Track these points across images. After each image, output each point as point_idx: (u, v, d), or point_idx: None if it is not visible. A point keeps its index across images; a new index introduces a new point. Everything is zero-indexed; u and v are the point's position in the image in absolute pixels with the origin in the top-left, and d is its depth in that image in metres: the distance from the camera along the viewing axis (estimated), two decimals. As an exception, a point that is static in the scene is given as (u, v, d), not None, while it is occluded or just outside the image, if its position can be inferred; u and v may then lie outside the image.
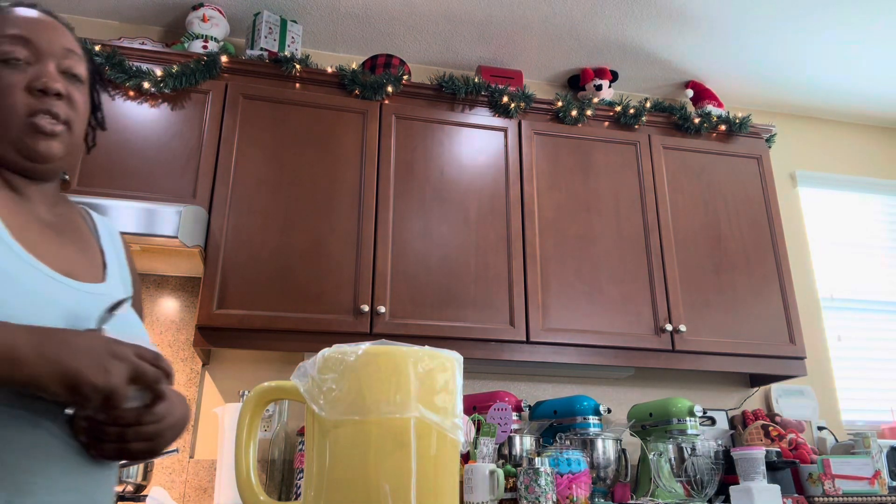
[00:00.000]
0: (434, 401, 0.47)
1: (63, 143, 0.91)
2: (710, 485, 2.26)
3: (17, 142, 0.88)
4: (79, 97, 0.93)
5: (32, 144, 0.88)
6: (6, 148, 0.88)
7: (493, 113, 2.77)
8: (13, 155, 0.89)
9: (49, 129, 0.88)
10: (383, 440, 0.46)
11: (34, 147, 0.88)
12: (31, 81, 0.88)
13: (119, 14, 2.91)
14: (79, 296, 0.84)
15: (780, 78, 3.37)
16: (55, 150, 0.90)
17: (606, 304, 2.57)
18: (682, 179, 2.88)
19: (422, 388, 0.47)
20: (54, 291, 0.81)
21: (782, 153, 3.52)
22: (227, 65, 2.54)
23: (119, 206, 2.16)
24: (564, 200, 2.69)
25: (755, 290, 2.76)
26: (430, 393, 0.47)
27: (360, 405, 0.46)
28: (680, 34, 3.05)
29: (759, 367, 2.67)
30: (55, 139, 0.90)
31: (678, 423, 2.39)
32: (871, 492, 2.37)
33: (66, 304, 0.81)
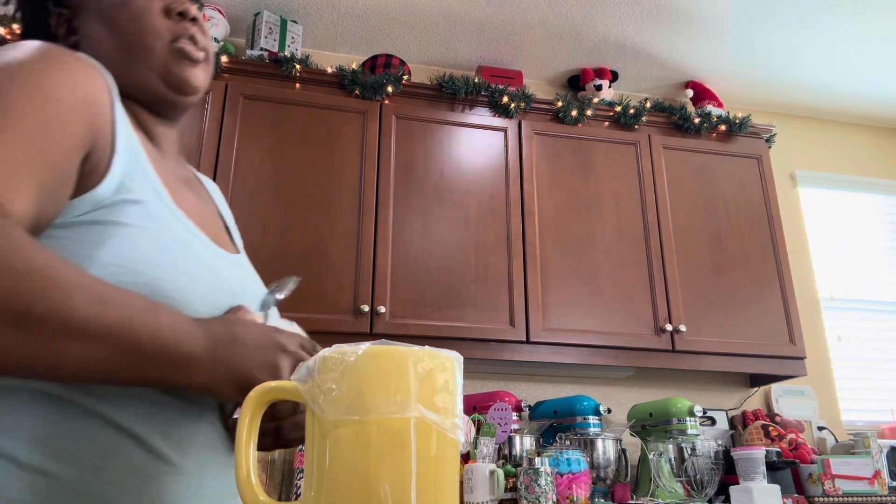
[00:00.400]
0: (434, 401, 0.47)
1: (206, 72, 0.83)
2: (710, 485, 2.26)
3: (162, 70, 0.79)
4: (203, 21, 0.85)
5: (180, 72, 0.79)
6: (150, 77, 0.78)
7: (493, 113, 2.77)
8: (159, 85, 0.79)
9: (195, 55, 0.80)
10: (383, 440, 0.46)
11: (182, 75, 0.79)
12: (169, 4, 0.80)
13: (119, 14, 2.90)
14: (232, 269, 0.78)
15: (780, 78, 3.37)
16: (201, 80, 0.82)
17: (606, 304, 2.57)
18: (682, 179, 2.88)
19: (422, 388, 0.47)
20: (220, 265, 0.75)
21: (782, 153, 3.52)
22: (227, 65, 2.54)
23: (119, 206, 2.16)
24: (564, 200, 2.69)
25: (755, 290, 2.76)
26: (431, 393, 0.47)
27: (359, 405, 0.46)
28: (680, 34, 3.05)
29: (759, 368, 2.67)
30: (199, 67, 0.82)
31: (678, 423, 2.39)
32: (872, 492, 2.37)
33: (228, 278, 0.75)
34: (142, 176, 0.70)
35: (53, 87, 0.64)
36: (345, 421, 0.45)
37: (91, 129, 0.66)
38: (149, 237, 0.66)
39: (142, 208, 0.68)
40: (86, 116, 0.66)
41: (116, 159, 0.68)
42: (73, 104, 0.65)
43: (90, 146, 0.66)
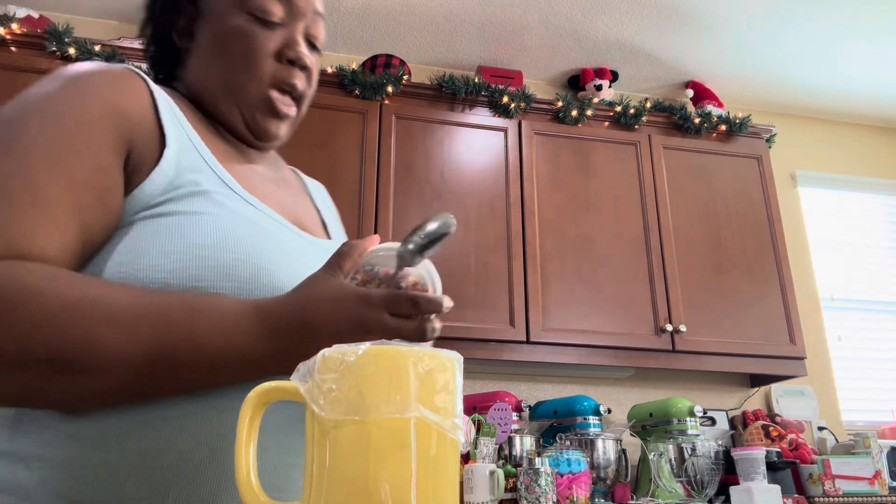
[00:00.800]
0: (434, 401, 0.47)
1: (291, 125, 0.83)
2: (710, 485, 2.26)
3: (248, 114, 0.79)
4: (316, 69, 0.84)
5: (263, 123, 0.80)
6: (235, 115, 0.79)
7: (493, 113, 2.77)
8: (239, 124, 0.80)
9: (284, 112, 0.80)
10: (383, 440, 0.45)
11: (264, 126, 0.80)
12: (283, 47, 0.78)
13: (119, 14, 2.91)
14: (318, 251, 0.76)
15: (780, 78, 3.37)
16: (282, 133, 0.82)
17: (606, 304, 2.57)
18: (683, 179, 2.88)
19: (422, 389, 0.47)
20: (302, 245, 0.75)
21: (782, 153, 3.52)
22: (227, 65, 2.53)
23: (119, 207, 2.16)
24: (564, 200, 2.69)
25: (755, 290, 2.76)
26: (430, 393, 0.47)
27: (359, 405, 0.46)
28: (680, 34, 3.05)
29: (760, 368, 2.67)
30: (286, 121, 0.82)
31: (678, 423, 2.39)
32: (872, 492, 2.37)
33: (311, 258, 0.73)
34: (206, 169, 0.70)
35: (70, 109, 0.64)
36: (345, 421, 0.45)
37: (124, 134, 0.66)
38: (216, 222, 0.66)
39: (207, 197, 0.68)
40: (115, 124, 0.66)
41: (167, 154, 0.68)
42: (96, 118, 0.65)
43: (127, 149, 0.66)
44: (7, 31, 2.41)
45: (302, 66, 0.79)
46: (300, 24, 0.81)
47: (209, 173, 0.70)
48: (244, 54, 0.77)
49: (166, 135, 0.69)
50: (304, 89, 0.81)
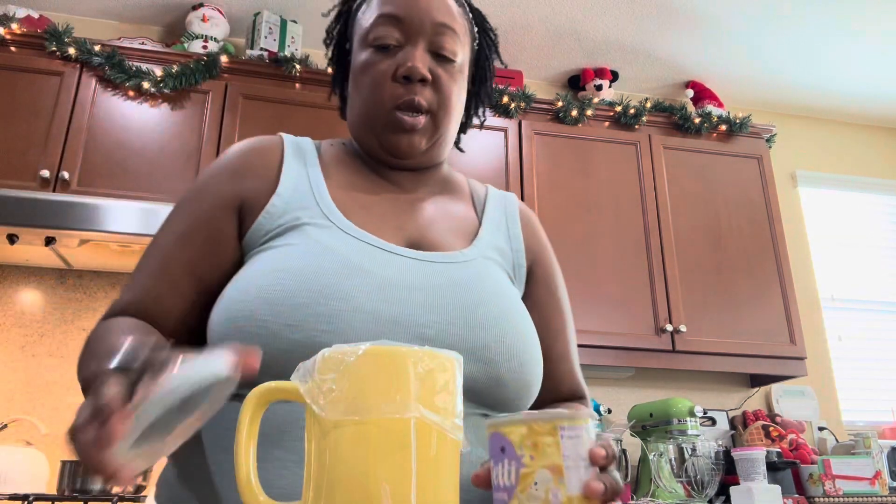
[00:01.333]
0: (434, 401, 0.47)
1: (425, 135, 0.84)
2: (710, 485, 2.26)
3: (380, 136, 0.84)
4: (447, 78, 0.84)
5: (395, 141, 0.83)
6: (372, 140, 0.85)
7: (493, 113, 2.77)
8: (377, 149, 0.85)
9: (409, 125, 0.82)
10: (383, 441, 0.45)
11: (396, 144, 0.83)
12: (398, 67, 0.82)
13: (119, 14, 2.91)
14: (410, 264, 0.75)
15: (780, 78, 3.37)
16: (416, 146, 0.83)
17: (606, 304, 2.57)
18: (683, 179, 2.88)
19: (422, 389, 0.47)
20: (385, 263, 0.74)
21: (783, 153, 3.52)
22: (227, 65, 2.53)
23: (119, 206, 2.16)
24: (564, 200, 2.69)
25: (755, 290, 2.76)
26: (431, 393, 0.47)
27: (359, 405, 0.46)
28: (680, 34, 3.05)
29: (760, 368, 2.67)
30: (416, 133, 0.83)
31: (678, 423, 2.39)
32: (872, 492, 2.37)
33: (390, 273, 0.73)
34: (312, 205, 0.78)
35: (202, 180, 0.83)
36: (345, 421, 0.45)
37: (236, 189, 0.80)
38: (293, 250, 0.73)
39: (300, 230, 0.75)
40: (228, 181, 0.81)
41: (274, 199, 0.79)
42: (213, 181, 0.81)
43: (240, 200, 0.80)
44: (7, 31, 2.41)
45: (419, 78, 0.81)
46: (419, 41, 0.83)
47: (314, 209, 0.78)
48: (369, 84, 0.83)
49: (280, 182, 0.80)
50: (429, 101, 0.83)
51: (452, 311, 0.72)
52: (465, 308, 0.72)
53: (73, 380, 2.43)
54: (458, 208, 0.90)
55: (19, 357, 2.42)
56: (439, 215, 0.86)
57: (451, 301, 0.73)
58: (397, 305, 0.70)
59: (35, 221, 2.11)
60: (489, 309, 0.74)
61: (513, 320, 0.75)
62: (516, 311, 0.77)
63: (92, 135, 2.36)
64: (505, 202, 0.94)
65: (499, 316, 0.74)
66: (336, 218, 0.77)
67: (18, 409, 2.35)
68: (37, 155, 2.30)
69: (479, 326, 0.72)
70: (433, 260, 0.77)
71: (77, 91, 2.40)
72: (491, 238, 0.86)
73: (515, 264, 0.87)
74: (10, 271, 2.51)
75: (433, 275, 0.75)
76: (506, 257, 0.86)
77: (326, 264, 0.71)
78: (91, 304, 2.52)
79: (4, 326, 2.45)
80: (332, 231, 0.76)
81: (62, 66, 2.42)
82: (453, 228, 0.85)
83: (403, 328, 0.69)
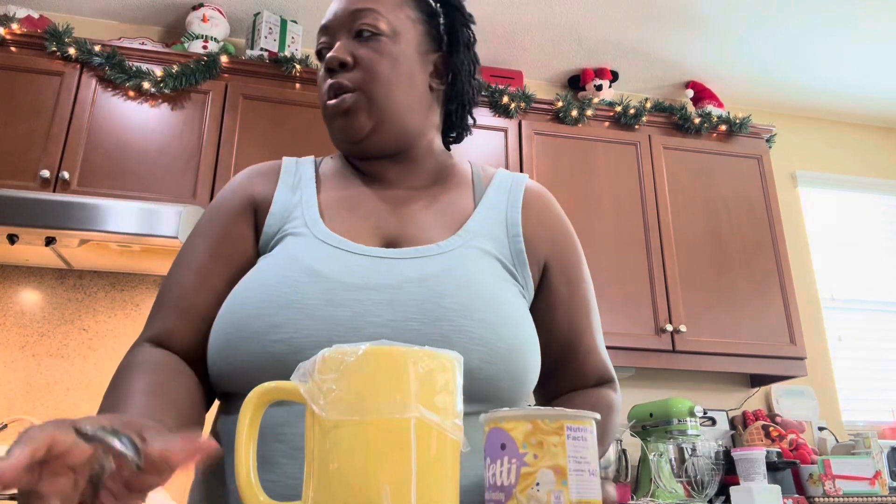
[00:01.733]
0: (434, 401, 0.47)
1: (361, 110, 0.82)
2: (710, 485, 2.26)
3: (330, 132, 0.87)
4: (370, 53, 0.83)
5: (336, 128, 0.85)
6: (332, 140, 0.89)
7: (493, 113, 2.77)
8: (339, 146, 0.88)
9: (336, 106, 0.83)
10: (383, 441, 0.45)
11: (339, 130, 0.85)
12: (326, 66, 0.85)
13: (119, 14, 2.91)
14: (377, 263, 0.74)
15: (780, 78, 3.37)
16: (357, 125, 0.83)
17: (607, 304, 2.57)
18: (683, 180, 2.88)
19: (422, 389, 0.47)
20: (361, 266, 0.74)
21: (783, 153, 3.52)
22: (227, 65, 2.54)
23: (119, 206, 2.16)
24: (565, 200, 2.69)
25: (756, 290, 2.76)
26: (431, 393, 0.47)
27: (359, 405, 0.46)
28: (680, 34, 3.05)
29: (760, 368, 2.67)
30: (349, 113, 0.82)
31: (678, 423, 2.39)
32: (872, 492, 2.37)
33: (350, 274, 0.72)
34: (300, 217, 0.81)
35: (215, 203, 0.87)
36: (345, 421, 0.45)
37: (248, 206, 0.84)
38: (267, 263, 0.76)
39: (282, 243, 0.79)
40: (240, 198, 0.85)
41: (268, 219, 0.83)
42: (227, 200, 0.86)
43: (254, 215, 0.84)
44: (7, 31, 2.41)
45: (337, 65, 0.83)
46: (339, 35, 0.85)
47: (299, 219, 0.81)
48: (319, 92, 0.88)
49: (273, 202, 0.83)
50: (354, 80, 0.83)
51: (411, 307, 0.70)
52: (426, 302, 0.70)
53: (73, 380, 2.43)
54: (452, 198, 0.87)
55: (19, 357, 2.42)
56: (426, 208, 0.85)
57: (411, 297, 0.70)
58: (353, 308, 0.69)
59: (35, 221, 2.11)
60: (452, 299, 0.70)
61: (478, 309, 0.70)
62: (487, 300, 0.72)
63: (92, 135, 2.36)
64: (511, 186, 0.89)
65: (462, 306, 0.70)
66: (314, 225, 0.79)
67: (18, 409, 2.35)
68: (37, 155, 2.30)
69: (441, 319, 0.69)
70: (403, 256, 0.76)
71: (77, 91, 2.40)
72: (481, 226, 0.83)
73: (513, 251, 0.83)
74: (10, 271, 2.51)
75: (399, 272, 0.73)
76: (501, 244, 0.82)
77: (289, 273, 0.72)
78: (91, 304, 2.53)
79: (4, 326, 2.45)
80: (305, 239, 0.77)
81: (62, 66, 2.42)
82: (441, 220, 0.83)
83: (357, 331, 0.68)
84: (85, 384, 2.43)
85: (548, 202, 0.92)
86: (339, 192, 0.86)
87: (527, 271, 0.83)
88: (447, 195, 0.87)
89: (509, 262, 0.82)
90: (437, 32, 0.91)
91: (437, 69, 0.90)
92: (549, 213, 0.91)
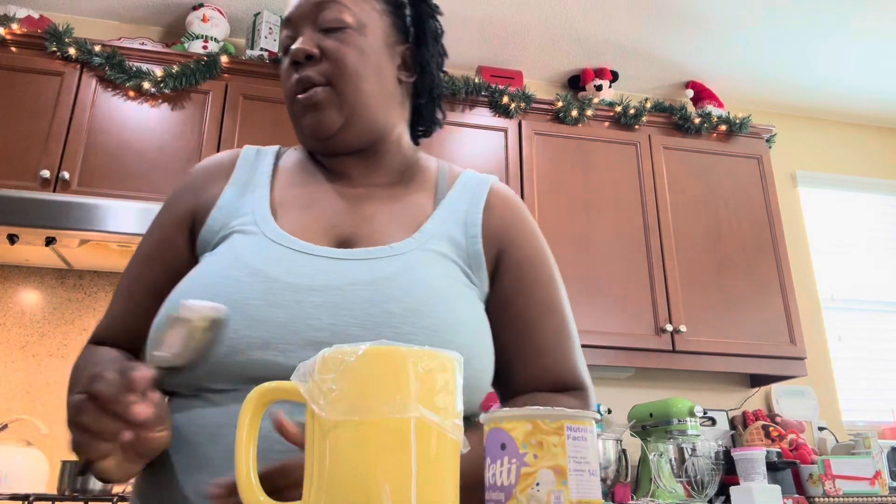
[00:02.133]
0: (434, 401, 0.47)
1: (331, 105, 0.81)
2: (710, 485, 2.26)
3: (297, 127, 0.84)
4: (338, 45, 0.81)
5: (305, 123, 0.82)
6: (298, 135, 0.86)
7: (493, 113, 2.77)
8: (305, 140, 0.86)
9: (306, 101, 0.81)
10: (383, 441, 0.45)
11: (308, 126, 0.82)
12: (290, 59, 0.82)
13: (119, 14, 2.91)
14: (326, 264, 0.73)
15: (780, 78, 3.37)
16: (327, 121, 0.81)
17: (607, 304, 2.57)
18: (683, 180, 2.88)
19: (422, 389, 0.47)
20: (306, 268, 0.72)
21: (783, 153, 3.52)
22: (227, 65, 2.54)
23: (119, 206, 2.16)
24: (565, 201, 2.69)
25: (756, 290, 2.76)
26: (431, 393, 0.47)
27: (359, 406, 0.46)
28: (680, 34, 3.05)
29: (760, 368, 2.67)
30: (319, 108, 0.80)
31: (678, 423, 2.39)
32: (872, 492, 2.37)
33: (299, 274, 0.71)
34: (249, 214, 0.79)
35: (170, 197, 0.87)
36: (345, 421, 0.45)
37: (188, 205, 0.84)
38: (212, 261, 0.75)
39: (229, 240, 0.77)
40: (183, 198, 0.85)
41: (213, 213, 0.81)
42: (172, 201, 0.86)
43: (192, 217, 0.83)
44: (7, 31, 2.41)
45: (303, 58, 0.81)
46: (303, 28, 0.83)
47: (248, 216, 0.79)
48: (283, 86, 0.86)
49: (222, 195, 0.82)
50: (323, 73, 0.81)
51: (355, 311, 0.68)
52: (370, 306, 0.68)
53: (73, 380, 2.43)
54: (413, 198, 0.85)
55: (19, 357, 2.42)
56: (385, 208, 0.82)
57: (356, 300, 0.69)
58: (292, 310, 0.68)
59: (35, 221, 2.11)
60: (398, 304, 0.68)
61: (425, 315, 0.68)
62: (436, 305, 0.70)
63: (92, 135, 2.36)
64: (475, 187, 0.87)
65: (408, 311, 0.68)
66: (264, 224, 0.77)
67: (18, 409, 2.35)
68: (37, 155, 2.30)
69: (383, 325, 0.67)
70: (352, 258, 0.74)
71: (77, 91, 2.40)
72: (439, 227, 0.80)
73: (470, 252, 0.80)
74: (10, 271, 2.51)
75: (346, 274, 0.71)
76: (458, 246, 0.79)
77: (233, 274, 0.71)
78: (91, 304, 2.52)
79: (4, 326, 2.45)
80: (254, 238, 0.75)
81: (62, 66, 2.42)
82: (399, 221, 0.81)
83: (296, 334, 0.67)
84: (85, 384, 2.43)
85: (512, 204, 0.88)
86: (296, 188, 0.84)
87: (483, 273, 0.81)
88: (408, 195, 0.85)
89: (466, 264, 0.79)
90: (404, 24, 0.89)
91: (405, 62, 0.90)
92: (513, 216, 0.87)
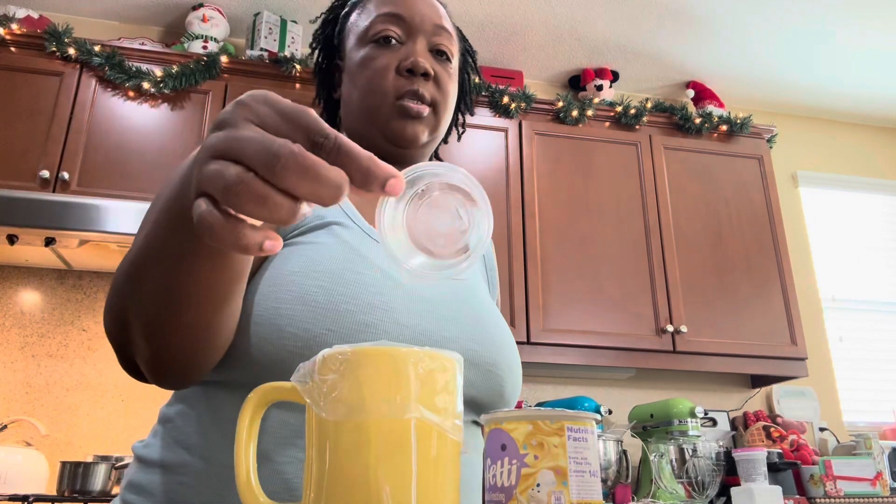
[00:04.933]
0: (434, 402, 0.47)
1: (428, 126, 0.86)
2: (711, 486, 2.25)
3: (384, 126, 0.84)
4: (446, 78, 0.87)
5: (399, 129, 0.84)
6: (374, 132, 0.86)
7: (493, 113, 2.76)
8: (380, 140, 0.86)
9: (415, 112, 0.83)
10: (383, 441, 0.45)
11: (400, 132, 0.84)
12: (401, 61, 0.84)
13: (119, 14, 2.90)
14: None
15: (781, 78, 3.37)
16: (420, 134, 0.85)
17: (607, 304, 2.57)
18: (683, 180, 2.87)
19: (422, 389, 0.46)
20: None
21: (784, 153, 3.52)
22: (227, 65, 2.53)
23: (119, 207, 2.16)
24: (565, 201, 2.69)
25: (756, 290, 2.76)
26: (431, 394, 0.47)
27: (359, 406, 0.45)
28: (680, 34, 3.05)
29: (761, 368, 2.67)
30: (421, 123, 0.85)
31: (679, 424, 2.39)
32: (873, 493, 2.37)
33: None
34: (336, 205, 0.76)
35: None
36: (345, 422, 0.45)
37: None
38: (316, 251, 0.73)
39: (327, 229, 0.76)
40: None
41: None
42: None
43: None
44: (7, 31, 2.41)
45: (421, 72, 0.83)
46: (420, 38, 0.86)
47: (335, 207, 0.78)
48: (371, 77, 0.84)
49: None
50: (432, 95, 0.85)
51: (469, 328, 0.75)
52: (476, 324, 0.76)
53: (73, 380, 2.43)
54: None
55: (19, 357, 2.42)
56: None
57: (462, 316, 0.76)
58: (425, 320, 0.72)
59: (35, 222, 2.11)
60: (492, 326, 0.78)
61: (508, 337, 0.80)
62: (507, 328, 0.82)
63: (92, 135, 2.36)
64: None
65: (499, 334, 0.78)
66: (357, 219, 0.79)
67: (18, 410, 2.34)
68: (37, 155, 2.30)
69: (490, 343, 0.75)
70: None
71: (77, 91, 2.40)
72: None
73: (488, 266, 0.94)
74: (10, 271, 2.51)
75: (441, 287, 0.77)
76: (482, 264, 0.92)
77: (365, 271, 0.72)
78: (91, 304, 2.52)
79: (4, 326, 2.44)
80: (358, 234, 0.77)
81: (62, 66, 2.42)
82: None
83: (432, 344, 0.70)
84: (85, 384, 2.43)
85: None
86: None
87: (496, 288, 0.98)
88: None
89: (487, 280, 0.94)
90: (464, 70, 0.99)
91: None
92: None
